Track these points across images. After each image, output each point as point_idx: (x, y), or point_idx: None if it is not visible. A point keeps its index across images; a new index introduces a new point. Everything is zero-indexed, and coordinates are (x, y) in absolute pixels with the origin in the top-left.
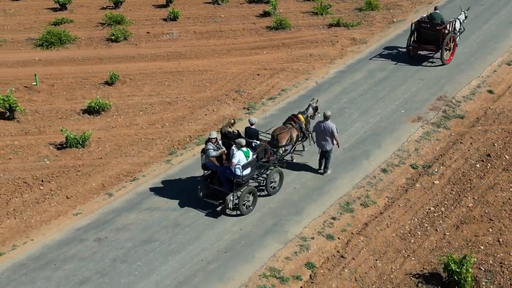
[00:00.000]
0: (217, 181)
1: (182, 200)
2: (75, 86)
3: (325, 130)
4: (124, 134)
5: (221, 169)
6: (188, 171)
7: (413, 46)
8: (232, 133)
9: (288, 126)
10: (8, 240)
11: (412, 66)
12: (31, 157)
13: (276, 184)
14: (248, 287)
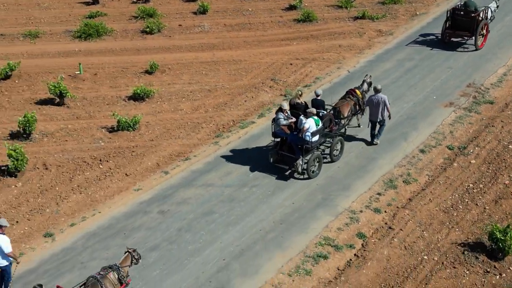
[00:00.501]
0: (286, 148)
1: (235, 177)
2: (117, 75)
3: (378, 102)
4: (170, 118)
5: (291, 137)
6: (236, 152)
7: (448, 32)
8: (300, 104)
9: (347, 99)
10: (77, 213)
11: (440, 56)
12: (85, 139)
13: (338, 152)
14: (306, 254)
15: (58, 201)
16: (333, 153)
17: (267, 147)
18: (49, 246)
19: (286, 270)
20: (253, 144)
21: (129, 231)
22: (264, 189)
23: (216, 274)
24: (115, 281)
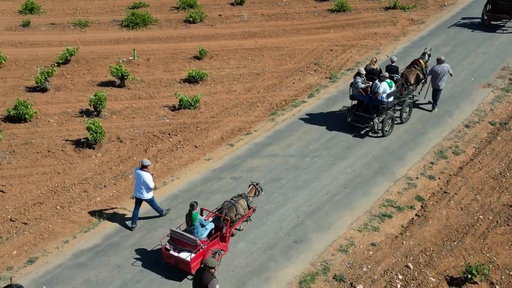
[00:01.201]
0: (362, 109)
1: (296, 149)
2: (168, 60)
3: (442, 71)
4: (225, 98)
5: (368, 98)
6: (293, 127)
7: (488, 16)
8: (375, 70)
9: (413, 68)
10: (157, 179)
11: (473, 42)
12: (151, 116)
13: (407, 114)
14: (372, 213)
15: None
16: (403, 115)
17: (322, 126)
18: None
19: (356, 226)
20: (308, 120)
21: (208, 194)
22: (324, 159)
23: (292, 229)
24: (244, 206)
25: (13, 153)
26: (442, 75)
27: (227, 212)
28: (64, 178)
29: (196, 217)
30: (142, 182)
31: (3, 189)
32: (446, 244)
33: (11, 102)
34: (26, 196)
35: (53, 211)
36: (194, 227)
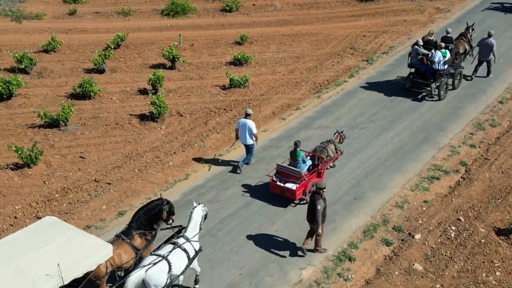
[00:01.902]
0: (419, 76)
1: (344, 122)
2: (211, 45)
3: (488, 44)
4: (271, 79)
5: (425, 66)
6: (338, 103)
7: None
8: (431, 40)
9: (461, 40)
10: (220, 147)
11: (498, 29)
12: (205, 94)
13: (458, 81)
14: (421, 176)
15: (202, 139)
16: (455, 82)
17: (365, 102)
18: (208, 170)
19: (408, 187)
20: (351, 97)
21: (269, 159)
22: (371, 131)
23: (351, 189)
24: (333, 149)
25: (84, 126)
26: (487, 48)
27: (320, 153)
28: (136, 146)
29: (299, 153)
30: (247, 128)
31: (83, 155)
32: (491, 202)
33: (72, 83)
34: (105, 161)
35: (131, 174)
36: (297, 162)
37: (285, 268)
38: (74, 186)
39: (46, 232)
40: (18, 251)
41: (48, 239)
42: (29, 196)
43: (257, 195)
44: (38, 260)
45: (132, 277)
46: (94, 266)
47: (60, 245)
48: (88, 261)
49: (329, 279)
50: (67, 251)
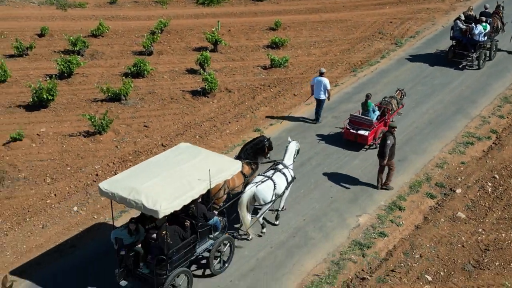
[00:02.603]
0: (461, 47)
1: (381, 96)
2: (247, 31)
3: None
4: (307, 60)
5: (466, 38)
6: (373, 80)
7: None
8: (472, 15)
9: (495, 17)
10: (268, 120)
11: None
12: (248, 73)
13: (494, 53)
14: (457, 141)
15: (252, 111)
16: (491, 53)
17: (398, 80)
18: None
19: (446, 150)
20: (384, 76)
21: (316, 128)
22: (407, 104)
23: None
24: (395, 104)
25: (143, 100)
26: None
27: (386, 105)
28: (193, 117)
29: (370, 104)
30: (322, 85)
31: (146, 124)
32: None
33: (123, 63)
34: (167, 130)
35: (194, 139)
36: (368, 112)
37: (343, 215)
38: (144, 150)
39: (186, 153)
40: (170, 164)
41: (190, 157)
42: (105, 158)
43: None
44: (189, 169)
45: (246, 193)
46: (229, 176)
47: (201, 160)
48: (225, 173)
49: (383, 224)
50: (209, 163)
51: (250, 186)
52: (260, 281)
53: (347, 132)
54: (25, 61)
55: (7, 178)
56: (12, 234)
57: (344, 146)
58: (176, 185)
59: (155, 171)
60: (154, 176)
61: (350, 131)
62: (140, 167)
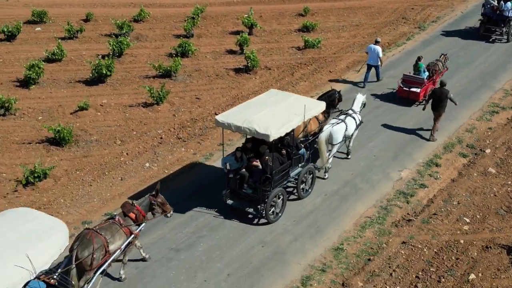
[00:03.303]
0: (492, 22)
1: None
2: (278, 17)
3: None
4: (338, 42)
5: (496, 15)
6: (401, 59)
7: None
8: None
9: None
10: (311, 91)
11: None
12: (284, 53)
13: None
14: (483, 110)
15: (293, 85)
16: None
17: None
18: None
19: (474, 118)
20: (411, 55)
21: None
22: None
23: (427, 120)
24: (441, 66)
25: (191, 76)
26: None
27: (433, 67)
28: (239, 91)
29: (421, 65)
30: (374, 53)
31: (198, 97)
32: None
33: (167, 45)
34: (217, 101)
35: None
36: (419, 72)
37: (386, 170)
38: (200, 118)
39: (279, 95)
40: (269, 103)
41: (283, 98)
42: (166, 124)
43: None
44: (285, 106)
45: (324, 132)
46: (317, 113)
47: (293, 100)
48: (313, 110)
49: (423, 177)
50: (300, 103)
51: (327, 127)
52: (318, 221)
53: (400, 90)
54: (75, 43)
55: (81, 141)
56: (96, 185)
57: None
58: (279, 117)
59: (258, 107)
60: (259, 110)
61: (403, 89)
62: (244, 106)
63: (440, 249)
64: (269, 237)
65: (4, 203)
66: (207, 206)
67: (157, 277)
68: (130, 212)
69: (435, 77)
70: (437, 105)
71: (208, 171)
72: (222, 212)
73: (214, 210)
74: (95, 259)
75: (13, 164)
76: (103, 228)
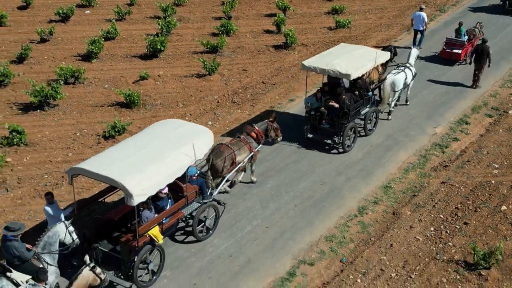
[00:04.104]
0: None
1: (435, 49)
2: (307, 1)
3: None
4: (365, 23)
5: None
6: (426, 38)
7: None
8: None
9: None
10: None
11: None
12: (318, 32)
13: None
14: (504, 79)
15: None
16: None
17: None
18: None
19: (496, 85)
20: (435, 34)
21: None
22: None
23: (456, 85)
24: (477, 32)
25: (234, 52)
26: None
27: (471, 32)
28: (281, 64)
29: (462, 29)
30: (420, 18)
31: (245, 68)
32: None
33: (208, 26)
34: (262, 73)
35: (287, 79)
36: (460, 35)
37: (423, 127)
38: (249, 86)
39: (350, 47)
40: (344, 53)
41: (355, 49)
42: (220, 91)
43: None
44: (359, 55)
45: (388, 79)
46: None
47: (363, 50)
48: (382, 58)
49: (455, 133)
50: (370, 52)
51: (390, 75)
52: (367, 166)
53: (444, 52)
54: (124, 24)
55: (148, 104)
56: None
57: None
58: (355, 61)
59: (336, 55)
60: (338, 57)
61: (446, 50)
62: (323, 54)
63: (475, 187)
64: (326, 178)
65: (91, 151)
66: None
67: (236, 207)
68: (252, 132)
69: (473, 41)
70: (479, 58)
71: None
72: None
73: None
74: (225, 166)
75: (91, 123)
76: (232, 144)
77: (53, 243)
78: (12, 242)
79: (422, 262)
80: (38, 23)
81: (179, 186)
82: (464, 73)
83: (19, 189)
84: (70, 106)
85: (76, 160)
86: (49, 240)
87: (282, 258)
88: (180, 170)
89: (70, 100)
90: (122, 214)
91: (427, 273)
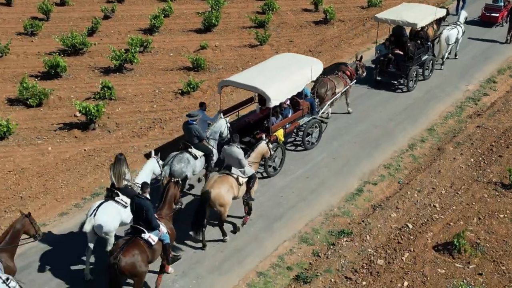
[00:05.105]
0: None
1: None
2: None
3: None
4: (395, 3)
5: None
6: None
7: None
8: None
9: None
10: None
11: None
12: (352, 11)
13: None
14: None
15: (366, 32)
16: None
17: None
18: None
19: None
20: None
21: None
22: (476, 32)
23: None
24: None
25: (279, 27)
26: None
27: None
28: (323, 36)
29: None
30: None
31: (291, 39)
32: None
33: (251, 5)
34: (307, 43)
35: (330, 48)
36: (498, 1)
37: (456, 84)
38: (300, 53)
39: (410, 4)
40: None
41: (414, 6)
42: None
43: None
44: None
45: (443, 33)
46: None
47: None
48: (439, 13)
49: (484, 89)
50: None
51: (445, 31)
52: (413, 114)
53: (484, 15)
54: (175, 4)
55: (211, 68)
56: (235, 94)
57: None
58: (420, 14)
59: (403, 10)
60: (405, 10)
61: (485, 14)
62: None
63: (506, 130)
64: (378, 123)
65: (171, 104)
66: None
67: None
68: (347, 70)
69: (508, 6)
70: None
71: None
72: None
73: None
74: (327, 95)
75: (166, 82)
76: (333, 78)
77: (217, 132)
78: (193, 125)
79: (466, 183)
80: (97, 3)
81: (297, 101)
82: (500, 33)
83: (119, 131)
84: (144, 70)
85: (161, 110)
86: (215, 129)
87: (350, 179)
88: (301, 86)
89: (143, 65)
90: (257, 118)
91: (471, 190)
